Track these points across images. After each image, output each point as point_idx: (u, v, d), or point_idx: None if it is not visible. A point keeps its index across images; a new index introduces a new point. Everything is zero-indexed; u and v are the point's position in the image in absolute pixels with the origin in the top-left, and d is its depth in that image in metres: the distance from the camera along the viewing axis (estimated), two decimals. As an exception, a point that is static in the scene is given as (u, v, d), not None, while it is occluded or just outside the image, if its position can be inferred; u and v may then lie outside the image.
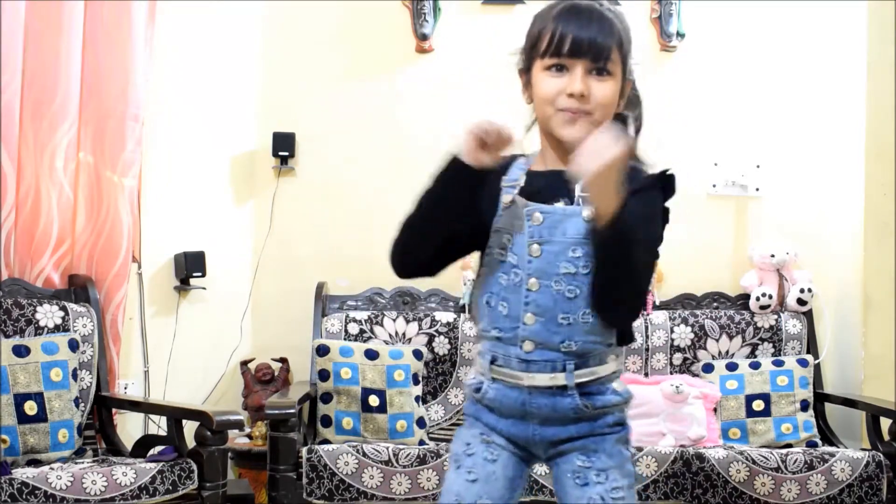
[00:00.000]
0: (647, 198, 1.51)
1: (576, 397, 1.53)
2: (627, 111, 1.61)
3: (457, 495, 1.56)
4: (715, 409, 3.46)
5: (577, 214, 1.50)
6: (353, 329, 3.54)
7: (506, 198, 1.56)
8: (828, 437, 3.48)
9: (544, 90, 1.52)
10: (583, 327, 1.51)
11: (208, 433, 2.77)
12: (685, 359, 3.63)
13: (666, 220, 1.58)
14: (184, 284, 3.64)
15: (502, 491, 1.58)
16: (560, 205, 1.52)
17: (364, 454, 2.95)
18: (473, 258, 1.67)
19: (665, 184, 1.55)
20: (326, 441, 3.20)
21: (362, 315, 3.58)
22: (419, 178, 1.61)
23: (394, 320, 3.57)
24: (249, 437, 3.49)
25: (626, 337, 1.59)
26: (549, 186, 1.54)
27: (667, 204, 1.57)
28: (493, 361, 1.57)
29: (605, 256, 1.46)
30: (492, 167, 1.51)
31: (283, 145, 3.74)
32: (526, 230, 1.52)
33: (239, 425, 2.86)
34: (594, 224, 1.44)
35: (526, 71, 1.58)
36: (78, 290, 3.25)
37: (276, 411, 2.90)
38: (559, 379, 1.52)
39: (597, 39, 1.48)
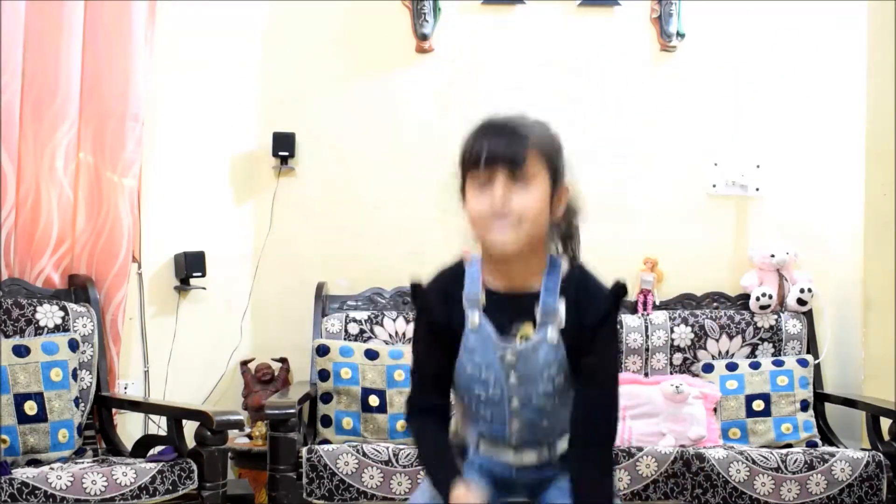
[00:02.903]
0: (610, 323, 1.63)
1: (558, 467, 1.65)
2: (567, 219, 1.66)
3: None
4: (715, 409, 3.46)
5: (543, 343, 1.58)
6: (353, 329, 3.54)
7: (473, 319, 1.61)
8: (828, 437, 3.48)
9: (472, 207, 1.56)
10: (565, 421, 1.62)
11: (208, 433, 2.77)
12: (685, 359, 3.63)
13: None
14: (184, 284, 3.64)
15: None
16: (527, 331, 1.59)
17: (364, 454, 2.95)
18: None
19: (619, 295, 1.64)
20: (326, 441, 3.20)
21: (362, 315, 3.58)
22: (419, 178, 1.63)
23: (394, 320, 3.57)
24: (249, 437, 3.49)
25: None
26: (511, 311, 1.59)
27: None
28: (480, 438, 1.67)
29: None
30: (453, 286, 1.61)
31: (283, 145, 3.74)
32: (502, 366, 1.60)
33: (239, 425, 2.86)
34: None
35: (462, 189, 1.61)
36: (78, 290, 3.25)
37: (276, 411, 2.90)
38: (545, 456, 1.66)
39: (510, 146, 1.52)
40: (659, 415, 3.37)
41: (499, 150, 1.52)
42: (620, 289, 1.63)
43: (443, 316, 1.61)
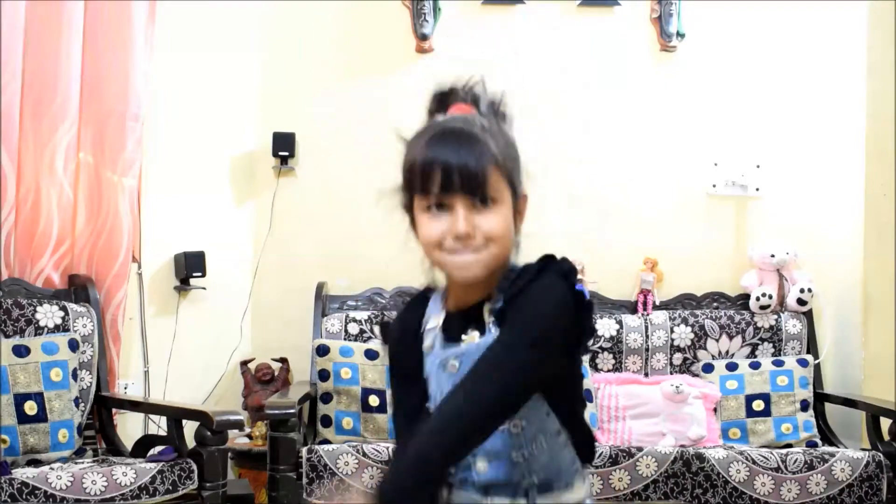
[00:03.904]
0: (524, 299, 1.29)
1: None
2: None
3: None
4: (715, 409, 3.46)
5: (487, 341, 1.32)
6: (353, 329, 3.53)
7: (427, 343, 1.41)
8: (828, 437, 3.48)
9: (427, 235, 1.33)
10: (539, 458, 1.34)
11: (208, 433, 2.77)
12: (685, 359, 3.63)
13: (585, 312, 1.31)
14: (184, 284, 3.64)
15: None
16: (472, 338, 1.34)
17: (364, 454, 2.95)
18: None
19: (543, 269, 1.31)
20: (326, 441, 3.20)
21: (362, 315, 3.57)
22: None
23: (394, 320, 3.57)
24: (249, 437, 3.48)
25: (587, 454, 1.41)
26: (460, 323, 1.37)
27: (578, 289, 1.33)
28: (449, 485, 1.39)
29: None
30: (416, 319, 1.44)
31: (283, 145, 3.74)
32: (447, 382, 1.35)
33: (239, 425, 2.86)
34: None
35: (408, 209, 1.39)
36: (78, 290, 3.25)
37: (276, 411, 2.90)
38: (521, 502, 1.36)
39: (468, 167, 1.28)
40: (659, 415, 3.37)
41: (455, 172, 1.28)
42: (548, 259, 1.32)
43: (409, 356, 1.43)
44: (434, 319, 1.42)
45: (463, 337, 1.35)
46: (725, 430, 3.43)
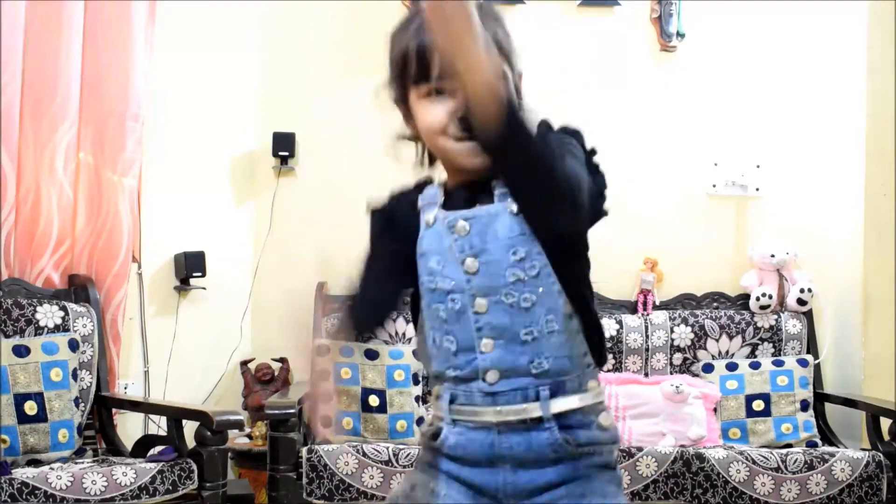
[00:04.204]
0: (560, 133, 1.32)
1: (554, 430, 1.27)
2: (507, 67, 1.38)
3: None
4: (715, 409, 3.46)
5: (502, 212, 1.28)
6: (353, 329, 3.53)
7: (427, 216, 1.35)
8: (828, 437, 3.48)
9: (429, 122, 1.31)
10: (550, 339, 1.27)
11: (208, 433, 2.77)
12: (685, 359, 3.63)
13: (597, 178, 1.35)
14: (184, 284, 3.64)
15: None
16: (481, 206, 1.31)
17: (364, 454, 2.95)
18: None
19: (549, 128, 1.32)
20: (326, 441, 3.20)
21: (362, 315, 3.57)
22: (419, 178, 1.55)
23: (394, 320, 3.57)
24: (249, 437, 3.48)
25: (598, 354, 1.34)
26: (467, 195, 1.33)
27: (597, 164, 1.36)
28: (452, 401, 1.31)
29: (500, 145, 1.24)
30: (409, 199, 1.39)
31: (283, 145, 3.74)
32: (454, 246, 1.30)
33: (239, 425, 2.86)
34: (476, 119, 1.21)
35: (402, 101, 1.38)
36: (78, 290, 3.24)
37: (276, 411, 2.90)
38: (533, 410, 1.27)
39: None
40: (659, 415, 3.37)
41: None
42: (562, 128, 1.34)
43: (402, 224, 1.37)
44: (432, 194, 1.37)
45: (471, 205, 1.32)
46: (725, 430, 3.43)
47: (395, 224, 1.39)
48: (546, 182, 1.23)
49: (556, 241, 1.28)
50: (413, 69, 1.30)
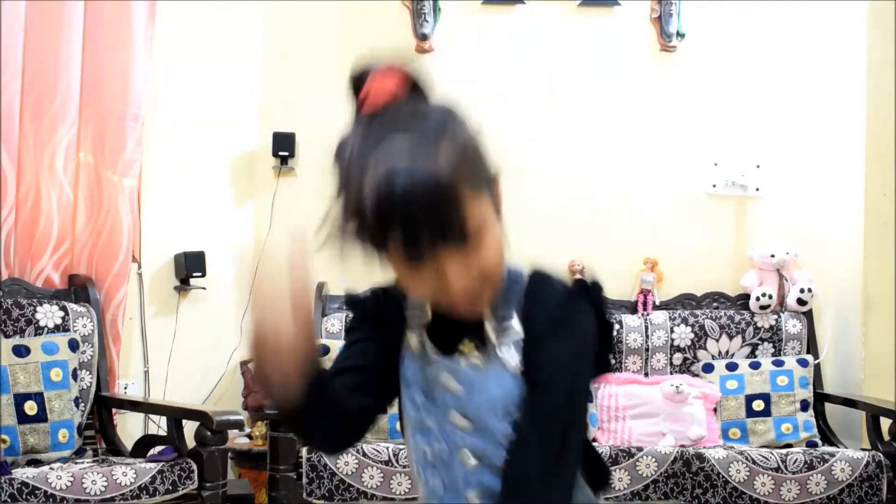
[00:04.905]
0: (564, 331, 1.13)
1: None
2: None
3: None
4: (715, 409, 3.46)
5: (496, 365, 1.13)
6: (353, 329, 3.53)
7: (412, 340, 1.19)
8: (828, 437, 3.48)
9: (415, 291, 1.13)
10: None
11: (208, 433, 2.77)
12: (685, 359, 3.63)
13: (608, 345, 1.19)
14: (184, 284, 3.64)
15: None
16: (469, 348, 1.15)
17: (364, 454, 2.95)
18: None
19: (580, 294, 1.15)
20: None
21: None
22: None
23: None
24: (249, 437, 3.48)
25: (601, 481, 1.24)
26: (459, 332, 1.16)
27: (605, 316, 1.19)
28: None
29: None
30: (395, 300, 1.20)
31: (283, 145, 3.74)
32: (439, 397, 1.16)
33: (239, 425, 2.86)
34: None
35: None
36: (78, 290, 3.25)
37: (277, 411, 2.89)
38: None
39: (439, 219, 1.02)
40: (659, 415, 3.37)
41: (427, 230, 1.02)
42: (581, 286, 1.15)
43: (381, 334, 1.21)
44: (419, 315, 1.20)
45: (459, 347, 1.15)
46: (725, 430, 3.43)
47: (380, 321, 1.22)
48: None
49: None
50: (375, 241, 1.07)
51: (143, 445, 3.04)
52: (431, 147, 1.02)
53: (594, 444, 3.15)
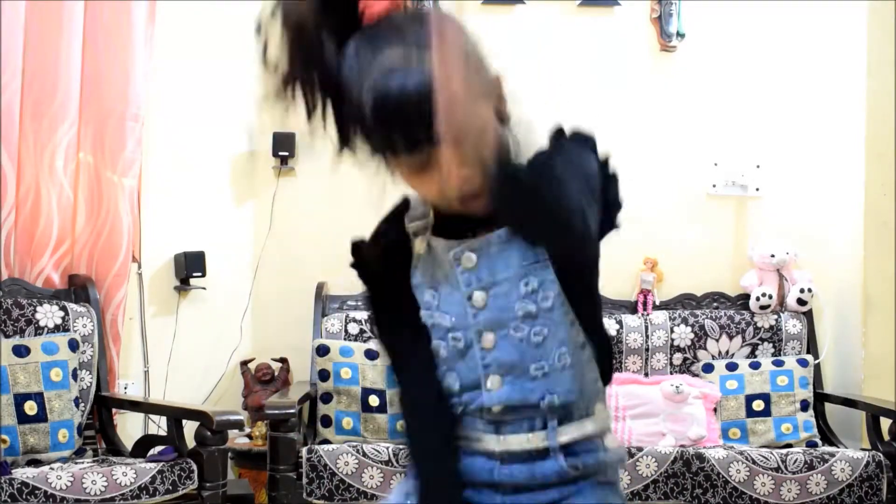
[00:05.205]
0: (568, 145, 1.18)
1: (560, 459, 1.18)
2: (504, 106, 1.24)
3: None
4: (715, 409, 3.46)
5: (512, 237, 1.16)
6: (353, 329, 3.53)
7: (419, 244, 1.22)
8: (828, 437, 3.48)
9: (423, 195, 1.19)
10: (562, 374, 1.17)
11: (208, 433, 2.77)
12: (685, 359, 3.63)
13: (612, 186, 1.23)
14: (184, 284, 3.64)
15: None
16: (488, 235, 1.17)
17: (364, 454, 2.95)
18: None
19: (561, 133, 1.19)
20: (326, 441, 3.20)
21: (362, 315, 3.57)
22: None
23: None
24: (249, 437, 3.48)
25: (606, 372, 1.25)
26: (459, 222, 1.18)
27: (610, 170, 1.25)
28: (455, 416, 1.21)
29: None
30: (396, 228, 1.24)
31: (283, 145, 3.74)
32: (459, 279, 1.17)
33: (239, 425, 2.87)
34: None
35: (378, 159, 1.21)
36: (78, 290, 3.25)
37: (276, 411, 2.90)
38: (539, 440, 1.18)
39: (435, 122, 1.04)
40: (659, 415, 3.37)
41: (420, 129, 1.06)
42: (560, 133, 1.21)
43: (396, 268, 1.24)
44: (421, 212, 1.23)
45: (474, 232, 1.17)
46: (725, 430, 3.43)
47: (388, 257, 1.25)
48: (551, 222, 1.11)
49: (568, 273, 1.18)
50: (391, 150, 1.13)
51: (143, 445, 3.04)
52: (426, 51, 1.05)
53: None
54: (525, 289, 1.16)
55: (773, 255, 3.66)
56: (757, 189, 3.84)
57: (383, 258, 1.26)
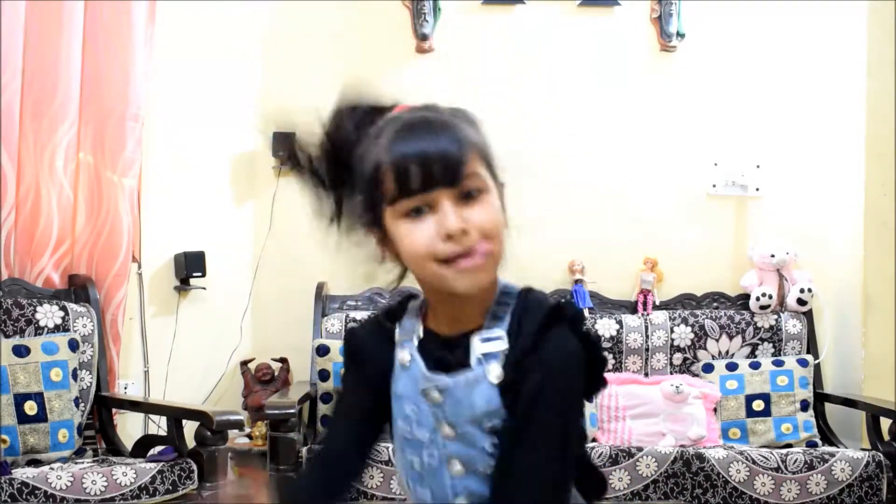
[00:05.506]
0: (547, 355, 1.15)
1: None
2: None
3: None
4: (715, 409, 3.46)
5: (482, 380, 1.16)
6: (353, 329, 3.53)
7: (403, 356, 1.23)
8: (828, 437, 3.48)
9: (414, 245, 1.14)
10: None
11: (208, 433, 2.77)
12: (685, 359, 3.63)
13: (598, 362, 1.19)
14: (184, 284, 3.64)
15: None
16: (457, 368, 1.18)
17: (364, 454, 2.94)
18: None
19: (557, 315, 1.16)
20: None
21: (362, 315, 3.57)
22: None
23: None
24: (249, 437, 3.49)
25: (598, 491, 1.27)
26: (441, 345, 1.21)
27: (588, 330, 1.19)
28: None
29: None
30: (385, 331, 1.26)
31: (284, 145, 3.74)
32: (428, 410, 1.20)
33: (239, 425, 2.87)
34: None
35: (375, 225, 1.21)
36: (78, 290, 3.25)
37: (276, 411, 2.90)
38: None
39: (449, 155, 1.11)
40: (659, 415, 3.37)
41: (435, 163, 1.11)
42: (558, 308, 1.16)
43: (377, 363, 1.26)
44: (411, 324, 1.25)
45: (446, 361, 1.20)
46: (725, 430, 3.43)
47: (368, 359, 1.28)
48: None
49: None
50: (389, 184, 1.13)
51: (143, 445, 3.04)
52: (457, 122, 1.16)
53: (594, 443, 3.16)
54: (490, 429, 1.16)
55: (773, 255, 3.66)
56: (757, 189, 3.84)
57: (372, 343, 1.29)
